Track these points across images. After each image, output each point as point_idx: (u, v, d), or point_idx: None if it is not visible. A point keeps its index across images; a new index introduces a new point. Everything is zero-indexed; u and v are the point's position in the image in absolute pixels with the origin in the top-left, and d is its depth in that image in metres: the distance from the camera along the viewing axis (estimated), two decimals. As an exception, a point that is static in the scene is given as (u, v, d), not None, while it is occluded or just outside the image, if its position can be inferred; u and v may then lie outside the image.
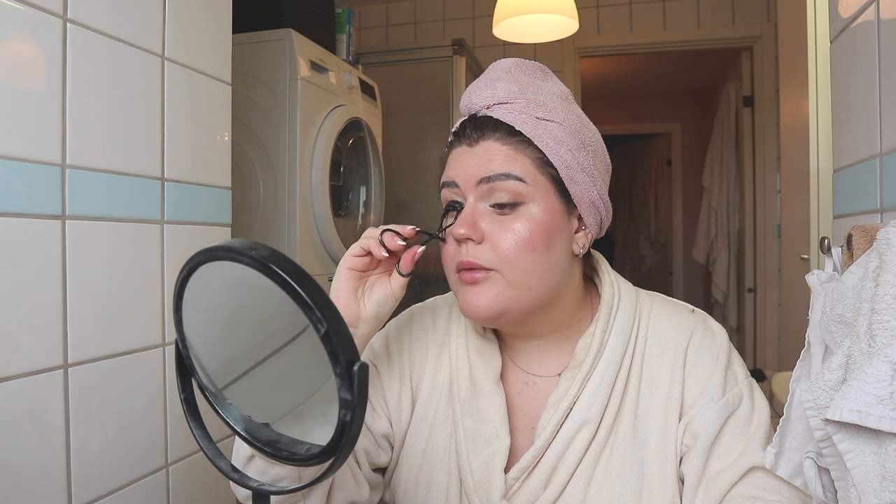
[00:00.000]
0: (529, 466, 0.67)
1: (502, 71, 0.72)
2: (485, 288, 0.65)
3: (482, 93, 0.70)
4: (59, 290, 0.86)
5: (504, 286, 0.65)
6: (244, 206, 1.80)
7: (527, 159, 0.67)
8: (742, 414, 0.67)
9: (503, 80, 0.70)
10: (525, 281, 0.65)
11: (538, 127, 0.67)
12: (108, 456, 0.94)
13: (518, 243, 0.65)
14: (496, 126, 0.68)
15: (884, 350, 0.50)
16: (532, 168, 0.66)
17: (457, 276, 0.67)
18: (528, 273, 0.65)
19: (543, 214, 0.66)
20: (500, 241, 0.65)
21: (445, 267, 0.70)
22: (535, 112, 0.67)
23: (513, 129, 0.67)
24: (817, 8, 1.74)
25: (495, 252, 0.65)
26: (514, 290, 0.65)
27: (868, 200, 0.81)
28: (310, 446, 0.44)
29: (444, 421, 0.74)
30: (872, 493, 0.50)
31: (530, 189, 0.66)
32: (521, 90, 0.69)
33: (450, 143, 0.73)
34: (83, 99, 0.89)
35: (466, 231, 0.65)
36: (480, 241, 0.66)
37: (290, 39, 1.76)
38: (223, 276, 0.43)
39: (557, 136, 0.67)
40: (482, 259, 0.65)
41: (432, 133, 2.69)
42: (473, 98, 0.70)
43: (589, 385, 0.68)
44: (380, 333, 0.81)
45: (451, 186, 0.69)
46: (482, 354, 0.73)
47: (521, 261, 0.65)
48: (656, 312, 0.74)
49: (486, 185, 0.66)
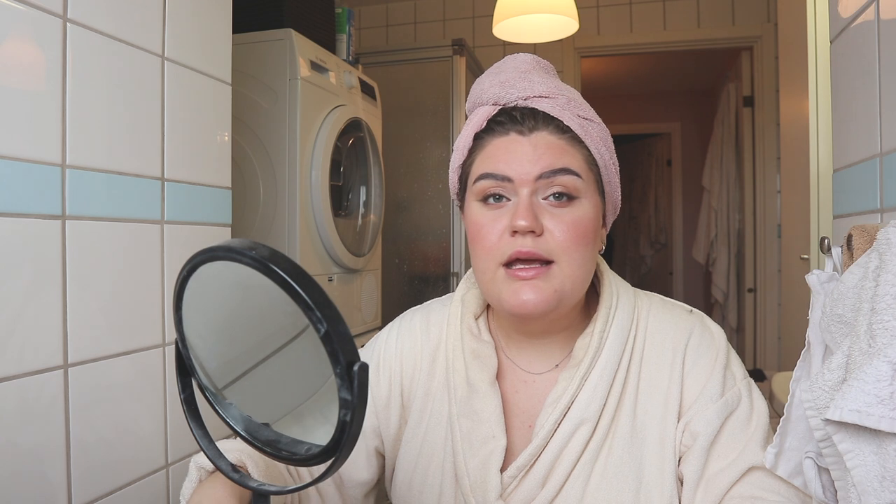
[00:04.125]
0: (527, 465, 0.67)
1: (528, 65, 0.71)
2: (541, 284, 0.65)
3: (519, 83, 0.68)
4: (59, 290, 0.86)
5: (562, 280, 0.65)
6: (244, 206, 1.80)
7: (580, 155, 0.68)
8: (741, 414, 0.67)
9: (536, 75, 0.69)
10: (579, 273, 0.66)
11: (583, 126, 0.68)
12: (108, 456, 0.94)
13: (576, 235, 0.65)
14: (546, 119, 0.67)
15: (884, 350, 0.50)
16: (584, 165, 0.68)
17: (503, 269, 0.66)
18: (581, 266, 0.66)
19: (592, 210, 0.68)
20: (560, 233, 0.65)
21: (485, 260, 0.67)
22: (577, 110, 0.68)
23: (562, 124, 0.67)
24: (817, 8, 1.74)
25: (556, 244, 0.65)
26: (570, 283, 0.66)
27: (868, 200, 0.81)
28: (310, 446, 0.44)
29: (438, 423, 0.74)
30: (872, 493, 0.50)
31: (584, 185, 0.67)
32: (557, 87, 0.69)
33: (486, 130, 0.69)
34: (83, 99, 0.89)
35: (529, 223, 0.63)
36: (541, 234, 0.65)
37: (290, 39, 1.76)
38: (223, 276, 0.43)
39: (598, 135, 0.69)
40: (543, 250, 0.64)
41: (432, 133, 2.69)
42: (508, 88, 0.68)
43: (587, 384, 0.68)
44: (371, 343, 0.82)
45: (500, 179, 0.66)
46: (478, 356, 0.73)
47: (577, 253, 0.65)
48: (654, 313, 0.74)
49: (545, 180, 0.65)
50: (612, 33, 3.27)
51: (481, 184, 0.68)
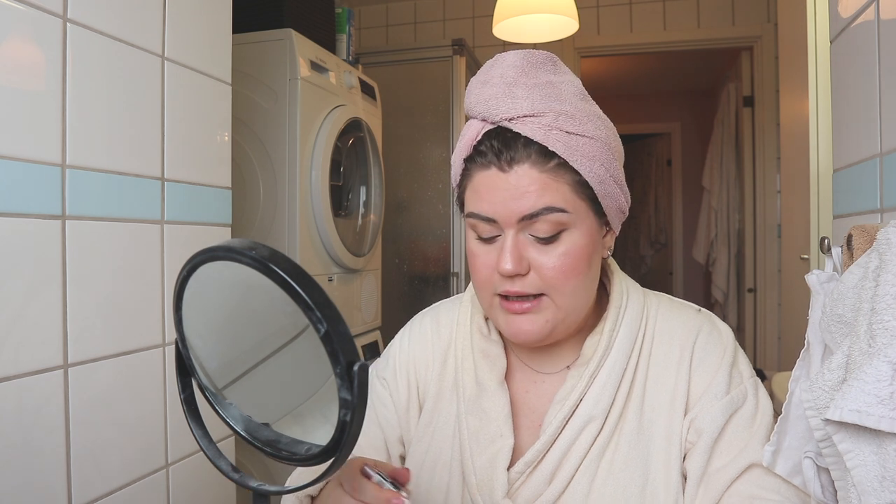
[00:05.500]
0: (534, 461, 0.68)
1: (515, 71, 0.66)
2: (534, 317, 0.66)
3: (502, 103, 0.64)
4: (59, 290, 0.86)
5: (554, 311, 0.66)
6: (244, 206, 1.80)
7: (565, 186, 0.64)
8: (746, 412, 0.67)
9: (521, 87, 0.65)
10: (573, 303, 0.67)
11: (571, 144, 0.63)
12: (108, 456, 0.94)
13: (565, 270, 0.65)
14: (527, 144, 0.63)
15: (884, 350, 0.50)
16: (571, 195, 0.64)
17: (500, 299, 0.67)
18: (575, 295, 0.67)
19: (584, 237, 0.66)
20: (546, 269, 0.65)
21: (481, 289, 0.69)
22: (565, 126, 0.63)
23: (546, 149, 0.63)
24: (817, 8, 1.74)
25: (543, 280, 0.65)
26: (563, 313, 0.67)
27: (868, 200, 0.81)
28: (310, 446, 0.44)
29: (447, 421, 0.74)
30: (872, 493, 0.50)
31: (571, 216, 0.64)
32: (544, 97, 0.64)
33: (471, 159, 0.67)
34: (83, 99, 0.89)
35: (514, 267, 0.64)
36: (527, 273, 0.65)
37: (290, 39, 1.76)
38: (223, 276, 0.43)
39: (590, 152, 0.64)
40: (530, 288, 0.65)
41: (432, 133, 2.69)
42: (491, 106, 0.65)
43: (596, 382, 0.69)
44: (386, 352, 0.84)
45: (487, 221, 0.66)
46: (487, 355, 0.74)
47: (568, 285, 0.65)
48: (663, 312, 0.74)
49: (528, 221, 0.64)
50: (612, 33, 3.27)
51: (470, 220, 0.68)
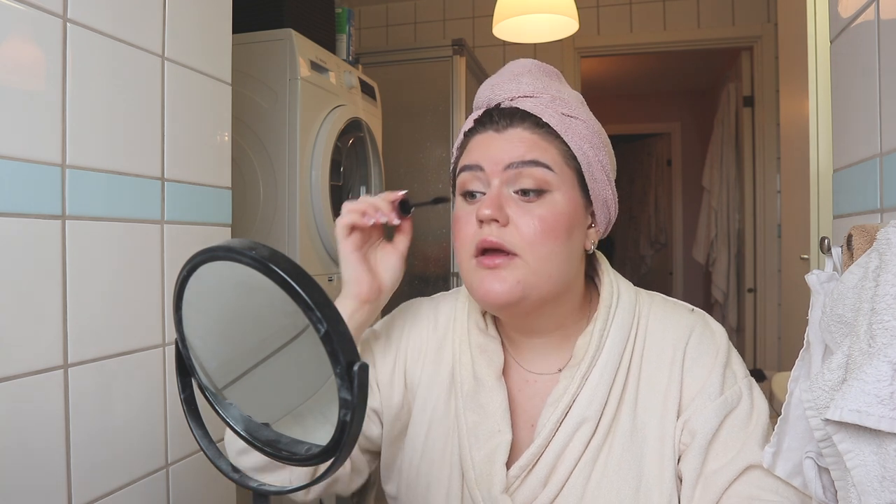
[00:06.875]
0: (529, 465, 0.68)
1: (523, 69, 0.73)
2: (505, 274, 0.65)
3: (507, 86, 0.71)
4: (58, 290, 0.86)
5: (526, 272, 0.66)
6: (244, 206, 1.80)
7: (554, 149, 0.68)
8: (741, 412, 0.67)
9: (527, 77, 0.72)
10: (546, 268, 0.66)
11: (564, 122, 0.69)
12: (108, 456, 0.94)
13: (543, 229, 0.65)
14: (523, 116, 0.69)
15: (884, 350, 0.50)
16: (559, 159, 0.68)
17: (474, 260, 0.67)
18: (549, 260, 0.66)
19: (567, 204, 0.68)
20: (525, 226, 0.65)
21: (460, 252, 0.70)
22: (560, 108, 0.70)
23: (540, 120, 0.69)
24: (817, 8, 1.74)
25: (520, 236, 0.65)
26: (535, 277, 0.66)
27: (868, 200, 0.81)
28: (310, 446, 0.44)
29: (444, 415, 0.74)
30: (872, 493, 0.50)
31: (556, 178, 0.67)
32: (545, 87, 0.71)
33: (469, 131, 0.73)
34: (83, 99, 0.89)
35: (492, 212, 0.65)
36: (505, 224, 0.66)
37: (290, 39, 1.76)
38: (223, 276, 0.43)
39: (581, 132, 0.69)
40: (506, 241, 0.65)
41: (432, 133, 2.68)
42: (497, 90, 0.72)
43: (588, 383, 0.69)
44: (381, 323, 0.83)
45: (475, 170, 0.69)
46: (485, 351, 0.74)
47: (544, 247, 0.65)
48: (656, 311, 0.74)
49: (514, 171, 0.67)
50: (612, 33, 3.27)
51: (460, 178, 0.71)
